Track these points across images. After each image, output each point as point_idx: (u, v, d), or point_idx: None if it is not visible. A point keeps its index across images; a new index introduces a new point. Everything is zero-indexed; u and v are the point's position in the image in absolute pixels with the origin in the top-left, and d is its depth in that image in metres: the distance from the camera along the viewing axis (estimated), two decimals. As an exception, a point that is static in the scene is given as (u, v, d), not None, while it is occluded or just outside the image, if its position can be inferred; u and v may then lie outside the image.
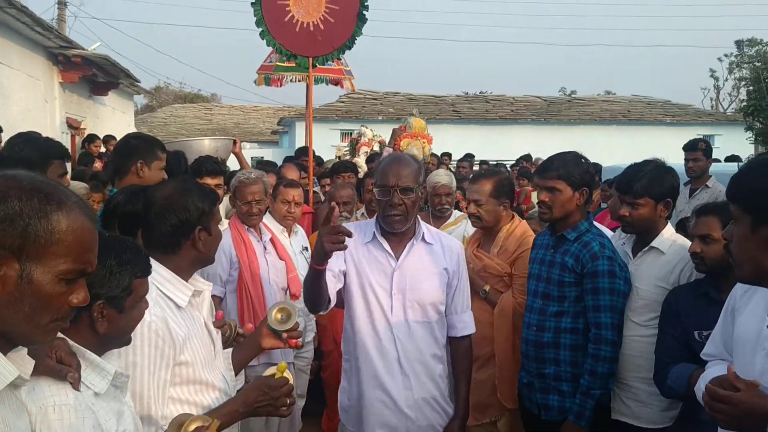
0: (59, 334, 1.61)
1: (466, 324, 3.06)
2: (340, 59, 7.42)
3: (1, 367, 1.26)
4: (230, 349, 2.51)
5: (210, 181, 4.29)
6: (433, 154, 9.74)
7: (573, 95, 32.75)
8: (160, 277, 2.18)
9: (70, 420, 1.53)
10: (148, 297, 1.98)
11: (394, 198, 2.78)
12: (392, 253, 2.91)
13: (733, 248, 1.79)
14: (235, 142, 6.57)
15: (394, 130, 7.73)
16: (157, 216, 2.26)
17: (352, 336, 2.96)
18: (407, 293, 2.88)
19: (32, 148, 3.33)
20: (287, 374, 2.27)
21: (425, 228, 2.99)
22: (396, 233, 2.89)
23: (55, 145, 3.48)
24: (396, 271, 2.89)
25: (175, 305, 2.19)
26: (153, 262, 2.15)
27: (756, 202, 1.67)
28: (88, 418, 1.58)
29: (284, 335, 2.52)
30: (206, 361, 2.23)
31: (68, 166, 4.07)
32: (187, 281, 2.25)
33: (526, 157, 13.55)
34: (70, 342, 1.69)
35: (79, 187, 4.87)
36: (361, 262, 2.91)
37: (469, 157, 13.21)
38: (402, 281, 2.89)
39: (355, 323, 2.93)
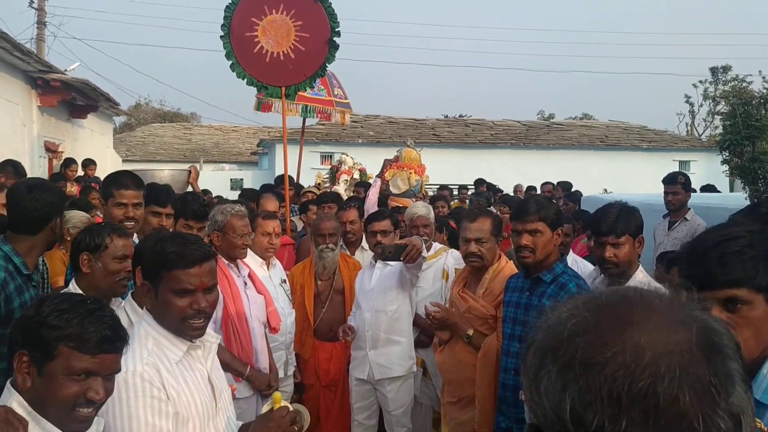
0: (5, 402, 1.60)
1: None
2: (318, 87, 7.47)
3: None
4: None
5: (194, 225, 4.23)
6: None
7: (551, 118, 33.14)
8: (155, 332, 2.17)
9: None
10: (142, 347, 1.95)
11: None
12: None
13: (747, 334, 1.55)
14: (190, 172, 6.56)
15: (385, 160, 7.71)
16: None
17: None
18: None
19: None
20: (284, 403, 2.30)
21: None
22: None
23: None
24: None
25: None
26: (146, 316, 2.14)
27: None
28: None
29: None
30: (205, 416, 2.18)
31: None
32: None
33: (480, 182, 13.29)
34: (28, 408, 1.66)
35: (81, 216, 4.77)
36: None
37: (443, 190, 11.26)
38: None
39: None
